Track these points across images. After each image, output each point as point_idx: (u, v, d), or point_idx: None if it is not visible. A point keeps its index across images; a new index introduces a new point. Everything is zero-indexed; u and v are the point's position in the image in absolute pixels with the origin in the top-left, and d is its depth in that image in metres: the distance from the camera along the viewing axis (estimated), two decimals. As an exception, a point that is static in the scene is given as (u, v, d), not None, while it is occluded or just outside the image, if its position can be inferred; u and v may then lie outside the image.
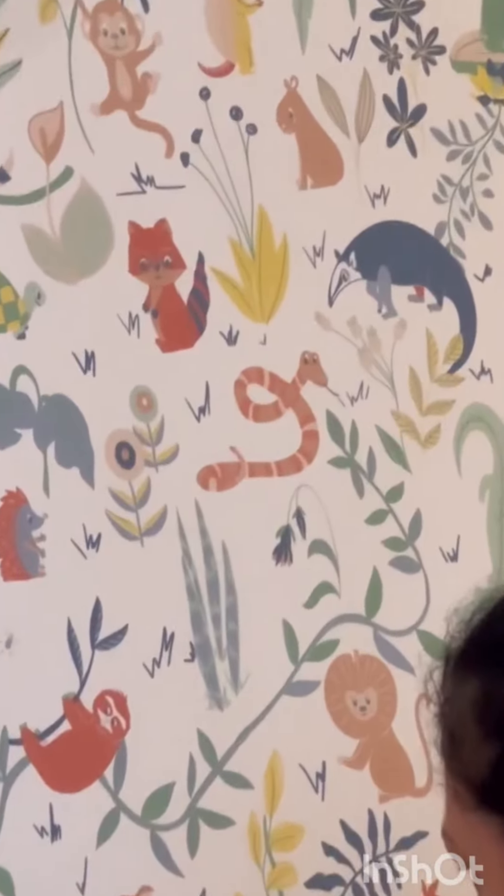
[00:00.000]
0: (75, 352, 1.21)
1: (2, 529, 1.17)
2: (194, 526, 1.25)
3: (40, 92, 1.21)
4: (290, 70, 1.35)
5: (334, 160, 1.38)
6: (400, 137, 1.43)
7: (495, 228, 1.45)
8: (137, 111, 1.26)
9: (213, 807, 1.25)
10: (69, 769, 1.21)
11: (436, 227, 1.45)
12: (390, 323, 1.36)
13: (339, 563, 1.33)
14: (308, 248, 1.35)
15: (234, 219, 1.30)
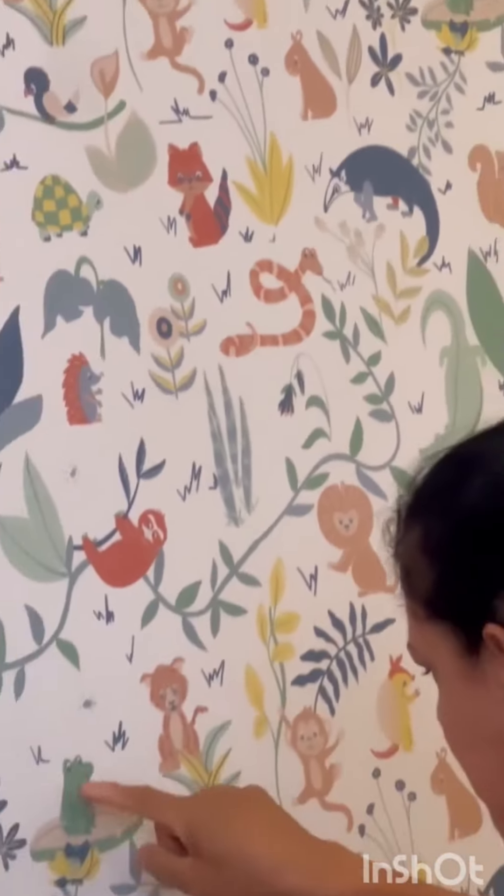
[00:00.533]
0: (126, 246, 1.34)
1: (68, 385, 1.28)
2: (217, 384, 1.38)
3: (100, 42, 1.34)
4: (296, 26, 1.48)
5: (329, 97, 1.51)
6: (381, 80, 1.54)
7: (454, 152, 1.58)
8: (176, 57, 1.40)
9: (230, 599, 1.39)
10: (120, 569, 1.32)
11: (408, 150, 1.57)
12: (372, 226, 1.51)
13: (330, 414, 1.47)
14: (308, 167, 1.49)
15: (250, 143, 1.43)
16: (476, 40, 1.60)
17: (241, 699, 1.41)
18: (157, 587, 1.34)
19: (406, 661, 1.44)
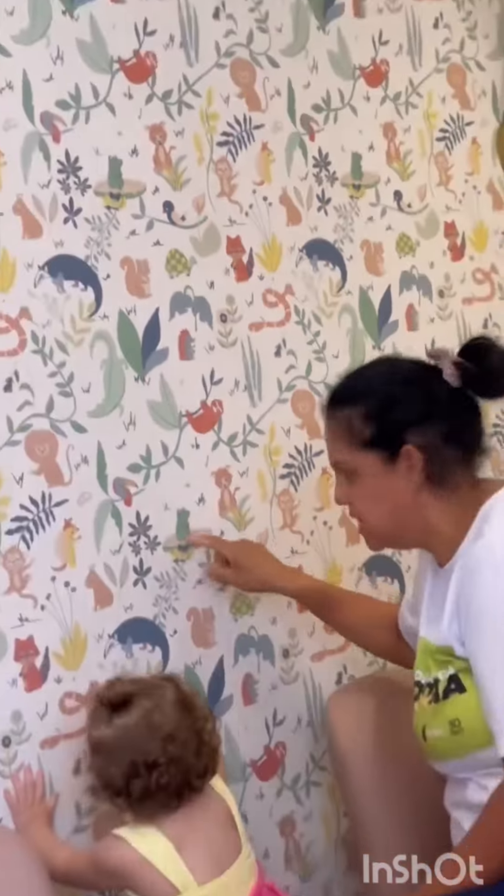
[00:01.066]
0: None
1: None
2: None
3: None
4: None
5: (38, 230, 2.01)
6: (69, 222, 1.99)
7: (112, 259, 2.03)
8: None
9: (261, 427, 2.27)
10: (202, 423, 2.13)
11: (84, 257, 2.00)
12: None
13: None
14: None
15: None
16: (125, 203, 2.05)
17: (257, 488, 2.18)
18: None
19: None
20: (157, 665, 2.04)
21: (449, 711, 1.74)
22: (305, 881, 2.21)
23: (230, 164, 2.23)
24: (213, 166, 2.20)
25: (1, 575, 1.87)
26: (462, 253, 2.56)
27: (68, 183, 2.01)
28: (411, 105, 2.52)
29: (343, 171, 2.39)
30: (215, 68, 2.22)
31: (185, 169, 2.16)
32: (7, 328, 1.91)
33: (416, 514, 1.81)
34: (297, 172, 2.32)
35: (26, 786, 1.86)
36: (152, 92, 2.13)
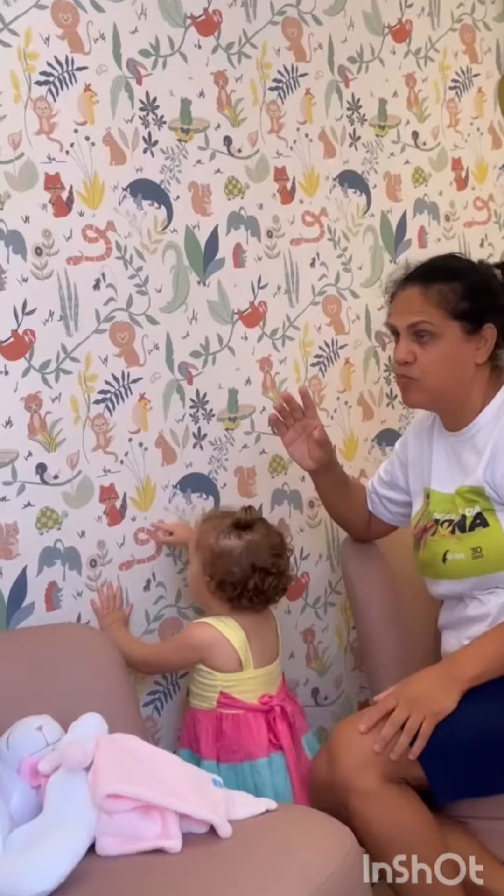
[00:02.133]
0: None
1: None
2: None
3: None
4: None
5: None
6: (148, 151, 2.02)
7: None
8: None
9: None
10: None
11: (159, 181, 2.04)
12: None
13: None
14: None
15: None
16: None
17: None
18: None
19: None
20: (209, 508, 2.07)
21: (473, 541, 1.73)
22: (322, 675, 2.26)
23: (279, 105, 2.20)
24: (265, 107, 2.18)
25: (89, 436, 1.94)
26: (465, 184, 2.54)
27: (147, 119, 2.02)
28: (429, 59, 2.48)
29: (371, 113, 2.37)
30: (269, 25, 2.19)
31: (242, 109, 2.15)
32: (96, 238, 1.93)
33: (465, 382, 1.77)
34: (334, 114, 2.30)
35: (108, 597, 1.92)
36: (217, 44, 2.11)
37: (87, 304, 1.92)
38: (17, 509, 1.84)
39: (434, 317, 1.74)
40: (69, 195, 1.91)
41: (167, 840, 1.46)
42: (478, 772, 1.61)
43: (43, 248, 1.87)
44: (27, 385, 1.85)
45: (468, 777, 1.61)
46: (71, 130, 1.92)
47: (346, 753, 1.60)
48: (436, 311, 1.74)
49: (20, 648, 1.74)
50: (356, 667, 2.30)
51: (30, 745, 1.57)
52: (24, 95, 1.85)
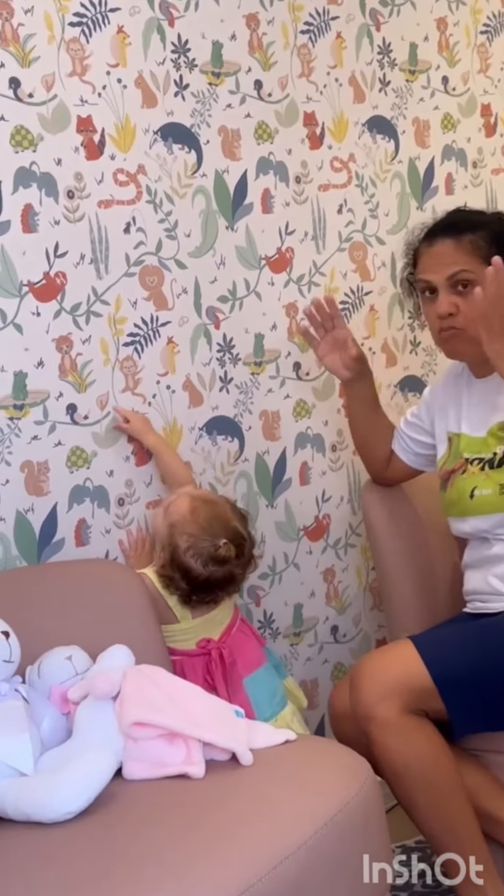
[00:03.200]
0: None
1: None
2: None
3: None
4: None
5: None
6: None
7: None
8: None
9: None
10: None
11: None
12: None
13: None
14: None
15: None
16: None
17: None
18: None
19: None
20: (235, 452, 2.09)
21: (501, 476, 1.75)
22: (341, 614, 2.28)
23: (310, 49, 2.17)
24: (296, 51, 2.15)
25: (118, 377, 1.94)
26: (494, 130, 2.50)
27: (179, 62, 2.01)
28: (461, 2, 2.43)
29: (402, 58, 2.34)
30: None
31: (273, 53, 2.12)
32: (127, 181, 1.93)
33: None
34: (364, 58, 2.27)
35: (136, 540, 1.93)
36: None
37: (118, 248, 1.92)
38: (48, 448, 1.86)
39: (472, 265, 1.75)
40: (101, 138, 1.90)
41: (191, 766, 1.49)
42: (495, 707, 1.64)
43: (75, 191, 1.87)
44: (58, 327, 1.86)
45: (486, 712, 1.64)
46: (103, 73, 1.90)
47: (368, 684, 1.62)
48: (472, 258, 1.75)
49: (51, 582, 1.76)
50: (374, 606, 2.32)
51: (60, 673, 1.60)
52: (57, 37, 1.84)
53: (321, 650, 2.22)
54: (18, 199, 1.81)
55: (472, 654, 1.65)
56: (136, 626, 1.73)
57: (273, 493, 2.15)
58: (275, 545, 2.14)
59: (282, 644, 2.16)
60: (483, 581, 1.82)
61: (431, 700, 1.62)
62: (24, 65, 1.81)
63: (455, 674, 1.63)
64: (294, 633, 2.19)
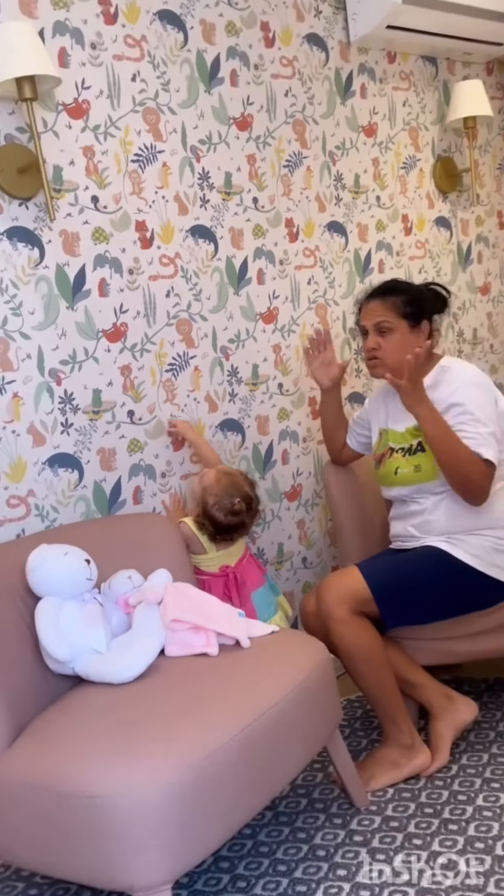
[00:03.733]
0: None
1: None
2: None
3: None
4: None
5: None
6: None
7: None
8: None
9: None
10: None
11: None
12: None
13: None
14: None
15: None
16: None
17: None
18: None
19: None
20: (239, 443, 2.01)
21: (415, 460, 1.71)
22: (308, 549, 2.19)
23: (289, 177, 2.09)
24: (280, 178, 2.06)
25: (162, 393, 1.84)
26: (410, 231, 2.40)
27: (203, 185, 1.93)
28: (388, 148, 2.36)
29: (349, 183, 2.22)
30: (283, 124, 2.09)
31: (265, 179, 2.01)
32: (168, 263, 1.82)
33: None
34: (325, 183, 2.17)
35: (174, 500, 1.88)
36: (249, 136, 2.01)
37: (161, 307, 1.89)
38: (115, 439, 1.82)
39: (390, 317, 1.73)
40: (151, 235, 1.86)
41: (210, 648, 1.49)
42: (411, 607, 1.64)
43: (133, 269, 1.84)
44: (122, 359, 1.83)
45: (406, 611, 1.64)
46: (153, 192, 1.87)
47: (328, 595, 1.61)
48: (391, 313, 1.73)
49: (117, 528, 1.74)
50: (331, 544, 2.27)
51: (123, 587, 1.58)
52: (123, 169, 1.82)
53: (295, 573, 2.18)
54: (97, 275, 1.78)
55: (397, 573, 1.64)
56: (173, 557, 1.71)
57: (264, 469, 2.11)
58: (265, 504, 2.09)
59: (269, 569, 2.12)
60: (403, 528, 1.80)
61: (370, 605, 1.62)
62: (101, 187, 1.79)
63: (385, 586, 1.62)
64: (277, 561, 2.15)
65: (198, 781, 1.16)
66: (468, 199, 2.56)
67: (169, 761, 1.16)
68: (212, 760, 1.19)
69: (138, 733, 1.23)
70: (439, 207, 2.50)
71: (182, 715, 1.27)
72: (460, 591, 1.63)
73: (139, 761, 1.16)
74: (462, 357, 2.56)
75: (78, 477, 1.78)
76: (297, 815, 1.54)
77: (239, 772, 1.23)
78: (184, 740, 1.20)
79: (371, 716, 1.86)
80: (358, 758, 1.73)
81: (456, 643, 1.70)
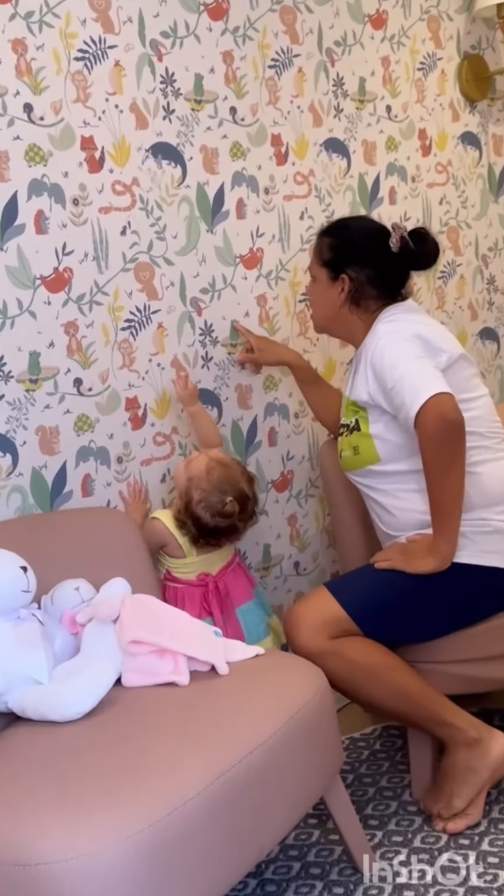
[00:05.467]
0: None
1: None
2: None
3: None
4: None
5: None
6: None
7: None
8: None
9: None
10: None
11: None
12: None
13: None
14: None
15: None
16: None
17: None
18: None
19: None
20: (215, 419, 2.03)
21: (352, 441, 1.77)
22: (302, 551, 2.25)
23: (276, 81, 2.09)
24: (264, 83, 2.07)
25: (117, 356, 1.89)
26: (429, 151, 2.43)
27: (167, 91, 1.94)
28: (401, 44, 2.37)
29: (352, 89, 2.22)
30: (269, 12, 2.09)
31: (246, 84, 2.04)
32: (123, 191, 1.84)
33: (335, 318, 1.81)
34: (321, 89, 2.17)
35: (133, 490, 1.91)
36: (226, 27, 2.00)
37: (116, 248, 1.88)
38: (59, 415, 1.83)
39: (313, 262, 1.81)
40: (101, 155, 1.86)
41: (178, 676, 1.50)
42: (402, 622, 1.67)
43: (79, 199, 1.83)
44: (66, 314, 1.83)
45: (395, 627, 1.67)
46: (103, 99, 1.86)
47: (298, 630, 1.64)
48: (315, 258, 1.80)
49: (62, 527, 1.75)
50: (330, 545, 2.31)
51: (69, 601, 1.60)
52: (64, 69, 1.80)
53: (285, 581, 2.21)
54: (32, 206, 1.77)
55: (373, 583, 1.67)
56: (132, 563, 1.72)
57: (246, 452, 2.13)
58: None
59: (253, 577, 2.12)
60: (377, 524, 1.84)
61: (347, 624, 1.64)
62: (36, 92, 1.77)
63: (359, 600, 1.65)
64: (263, 567, 2.18)
65: (159, 844, 1.17)
66: (502, 108, 2.59)
67: (123, 820, 1.16)
68: (177, 818, 1.19)
69: (87, 785, 1.23)
70: (466, 120, 2.51)
71: (141, 761, 1.28)
72: (455, 593, 1.65)
73: (87, 820, 1.16)
74: (493, 309, 2.55)
75: (11, 462, 1.79)
76: (288, 883, 1.53)
77: (212, 831, 1.23)
78: (143, 793, 1.21)
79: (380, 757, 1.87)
80: (364, 809, 1.75)
81: (479, 667, 1.71)
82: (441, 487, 1.61)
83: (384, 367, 1.66)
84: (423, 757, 1.73)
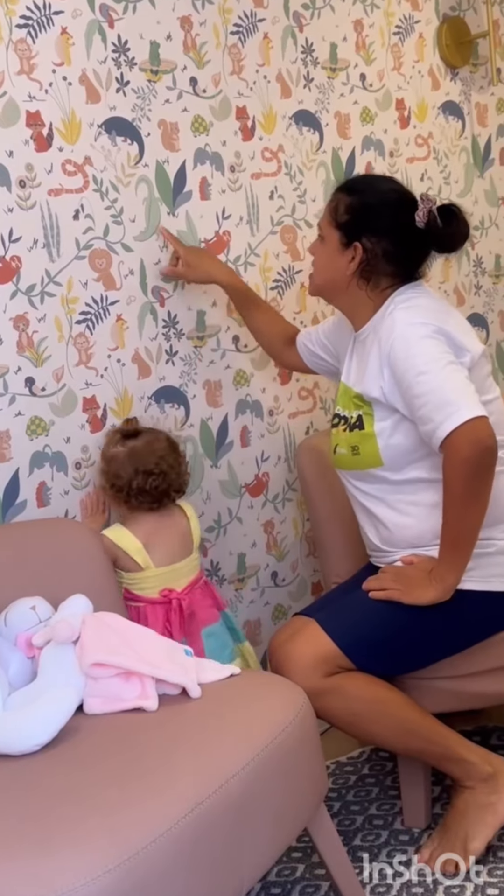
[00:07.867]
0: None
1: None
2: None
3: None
4: None
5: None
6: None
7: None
8: None
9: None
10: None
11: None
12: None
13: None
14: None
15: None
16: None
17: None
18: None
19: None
20: (182, 419, 2.06)
21: (352, 439, 1.75)
22: (280, 561, 2.28)
23: (239, 49, 2.11)
24: (227, 51, 2.07)
25: (72, 352, 1.89)
26: (408, 123, 2.45)
27: (120, 60, 1.95)
28: (375, 6, 2.39)
29: (323, 56, 2.23)
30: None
31: (206, 52, 2.04)
32: (75, 171, 1.84)
33: (341, 288, 1.76)
34: (289, 57, 2.18)
35: (94, 501, 1.92)
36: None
37: (68, 233, 1.88)
38: (9, 418, 1.83)
39: (325, 221, 1.75)
40: (49, 131, 1.85)
41: (145, 700, 1.50)
42: (388, 654, 1.68)
43: (26, 180, 1.83)
44: (15, 306, 1.82)
45: (386, 659, 1.68)
46: (49, 71, 1.86)
47: (290, 670, 1.63)
48: (329, 216, 1.74)
49: (15, 540, 1.75)
50: (310, 553, 2.32)
51: (24, 622, 1.59)
52: (5, 38, 1.79)
53: (263, 594, 2.23)
54: (-27, 189, 1.77)
55: (368, 615, 1.67)
56: (93, 577, 1.73)
57: (217, 454, 2.14)
58: (219, 501, 2.13)
59: (227, 589, 2.15)
60: (369, 536, 1.82)
61: (341, 660, 1.64)
62: (-26, 63, 1.77)
63: (353, 636, 1.65)
64: (238, 578, 2.19)
65: (128, 886, 1.16)
66: (485, 75, 2.60)
67: (88, 860, 1.16)
68: (147, 856, 1.19)
69: (46, 822, 1.23)
70: (447, 88, 2.53)
71: (106, 795, 1.27)
72: (454, 620, 1.65)
73: (48, 861, 1.16)
74: (481, 294, 2.56)
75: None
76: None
77: (186, 869, 1.23)
78: (108, 830, 1.20)
79: (369, 782, 1.87)
80: (352, 840, 1.73)
81: (476, 682, 1.71)
82: (463, 518, 1.58)
83: (408, 368, 1.62)
84: (415, 782, 1.73)
